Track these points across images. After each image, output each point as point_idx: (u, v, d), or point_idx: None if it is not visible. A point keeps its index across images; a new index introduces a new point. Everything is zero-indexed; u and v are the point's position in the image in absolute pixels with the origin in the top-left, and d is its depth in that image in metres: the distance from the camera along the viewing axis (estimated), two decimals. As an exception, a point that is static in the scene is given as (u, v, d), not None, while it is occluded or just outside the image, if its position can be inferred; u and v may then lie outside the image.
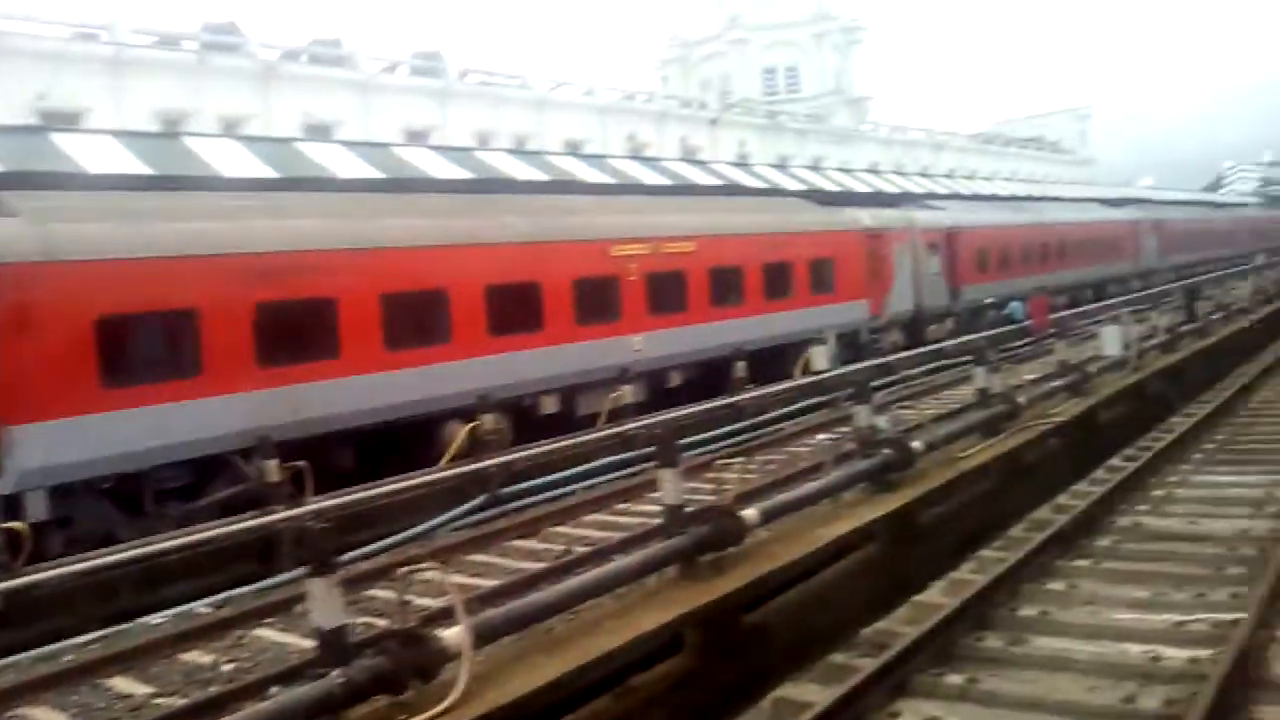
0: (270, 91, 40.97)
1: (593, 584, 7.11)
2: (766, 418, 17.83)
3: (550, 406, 17.30)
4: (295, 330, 13.71)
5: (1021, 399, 13.28)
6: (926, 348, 25.52)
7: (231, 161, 18.08)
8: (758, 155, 56.77)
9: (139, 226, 12.70)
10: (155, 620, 9.39)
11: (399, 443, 14.98)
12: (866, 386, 11.70)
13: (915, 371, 22.24)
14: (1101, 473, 12.25)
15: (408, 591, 8.53)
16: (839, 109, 78.18)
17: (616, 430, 15.80)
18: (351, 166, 20.26)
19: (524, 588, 8.39)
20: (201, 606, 9.81)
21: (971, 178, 54.70)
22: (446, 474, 13.64)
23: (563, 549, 10.71)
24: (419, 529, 12.27)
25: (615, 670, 6.77)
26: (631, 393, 17.50)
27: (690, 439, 15.50)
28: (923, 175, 49.53)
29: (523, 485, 13.85)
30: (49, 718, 7.08)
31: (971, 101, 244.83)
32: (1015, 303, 30.89)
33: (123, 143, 17.36)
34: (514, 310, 16.54)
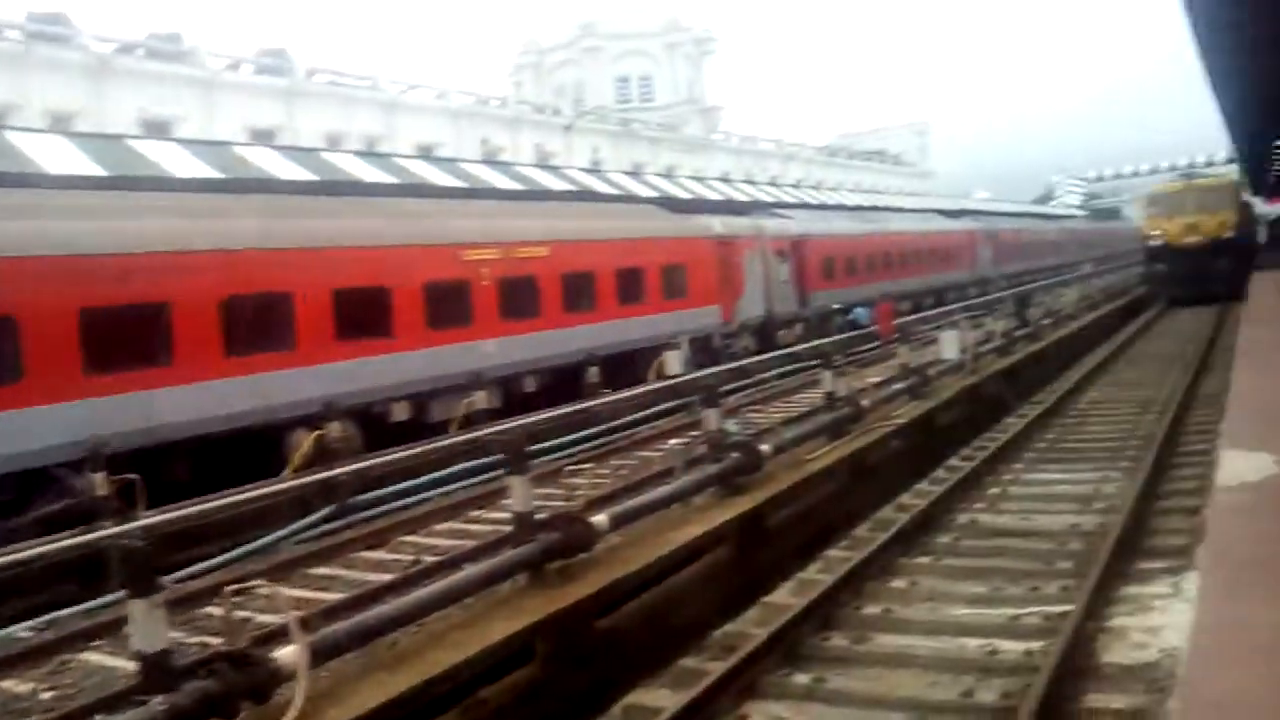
0: (104, 86, 38.83)
1: (440, 595, 6.92)
2: (620, 422, 17.82)
3: (401, 414, 16.90)
4: (125, 336, 12.99)
5: (866, 402, 13.63)
6: (776, 352, 26.00)
7: (58, 158, 17.06)
8: (611, 162, 56.99)
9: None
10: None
11: (241, 453, 14.37)
12: (715, 391, 11.78)
13: (766, 375, 22.62)
14: (941, 472, 12.71)
15: (251, 609, 8.20)
16: (691, 118, 79.20)
17: (469, 436, 15.53)
18: (189, 166, 19.39)
19: (369, 601, 8.11)
20: (22, 630, 9.18)
21: (819, 188, 56.08)
22: (291, 484, 13.12)
23: (412, 559, 10.46)
24: (261, 542, 11.76)
25: (463, 683, 6.60)
26: (485, 399, 17.25)
27: (542, 445, 15.39)
28: (772, 185, 50.60)
29: (372, 494, 13.47)
30: None
31: (818, 114, 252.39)
32: (861, 309, 31.84)
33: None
34: (362, 315, 16.11)
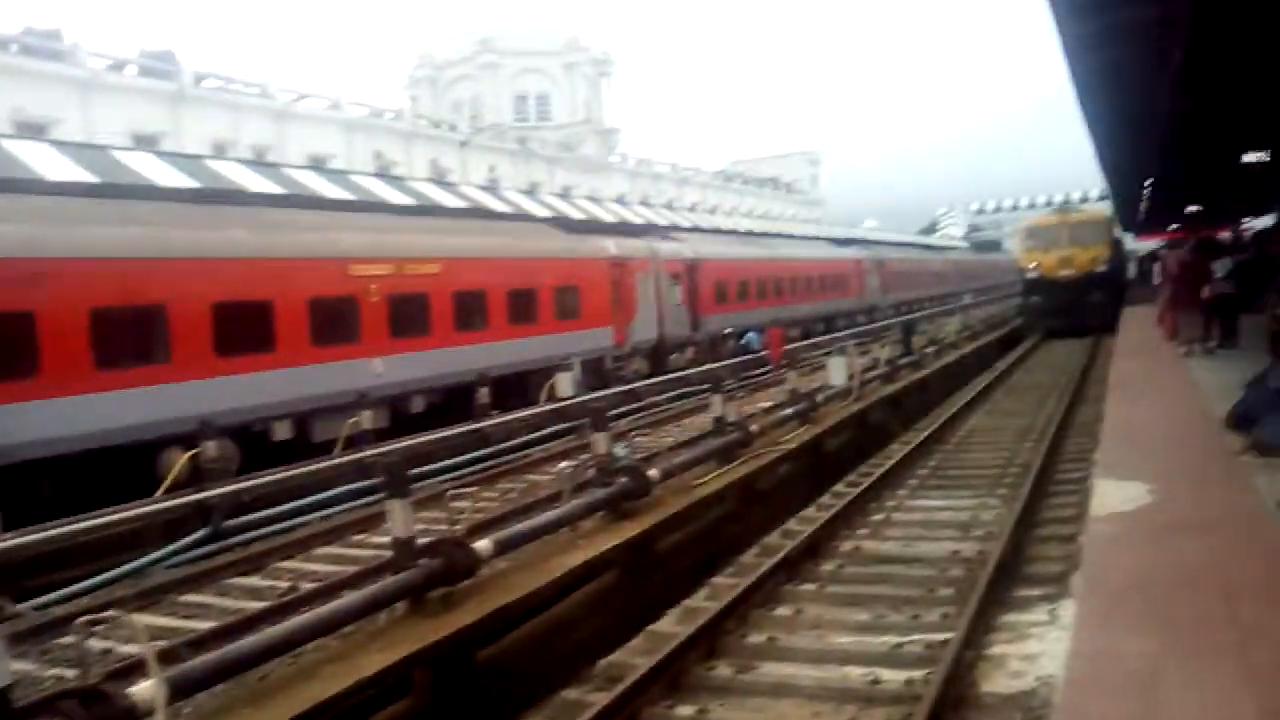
0: (-28, 84, 37.08)
1: (314, 624, 6.63)
2: (510, 444, 17.60)
3: (283, 432, 16.40)
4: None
5: (755, 427, 13.70)
6: (668, 376, 26.07)
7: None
8: (508, 180, 56.67)
9: None
10: None
11: (111, 472, 13.72)
12: (604, 414, 11.68)
13: (658, 399, 22.64)
14: (827, 498, 12.83)
15: (116, 638, 7.77)
16: (589, 139, 79.40)
17: (352, 457, 15.15)
18: (63, 169, 18.53)
19: (239, 630, 7.76)
20: None
21: (713, 212, 56.80)
22: (163, 505, 12.61)
23: (289, 585, 10.11)
24: (130, 566, 11.23)
25: (336, 717, 6.33)
26: (371, 418, 16.86)
27: (429, 467, 15.10)
28: (667, 208, 50.96)
29: (250, 517, 13.01)
30: None
31: (713, 139, 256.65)
32: (752, 333, 32.18)
33: None
34: (243, 330, 15.60)
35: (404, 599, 7.37)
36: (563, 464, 15.10)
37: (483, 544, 7.92)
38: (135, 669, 6.21)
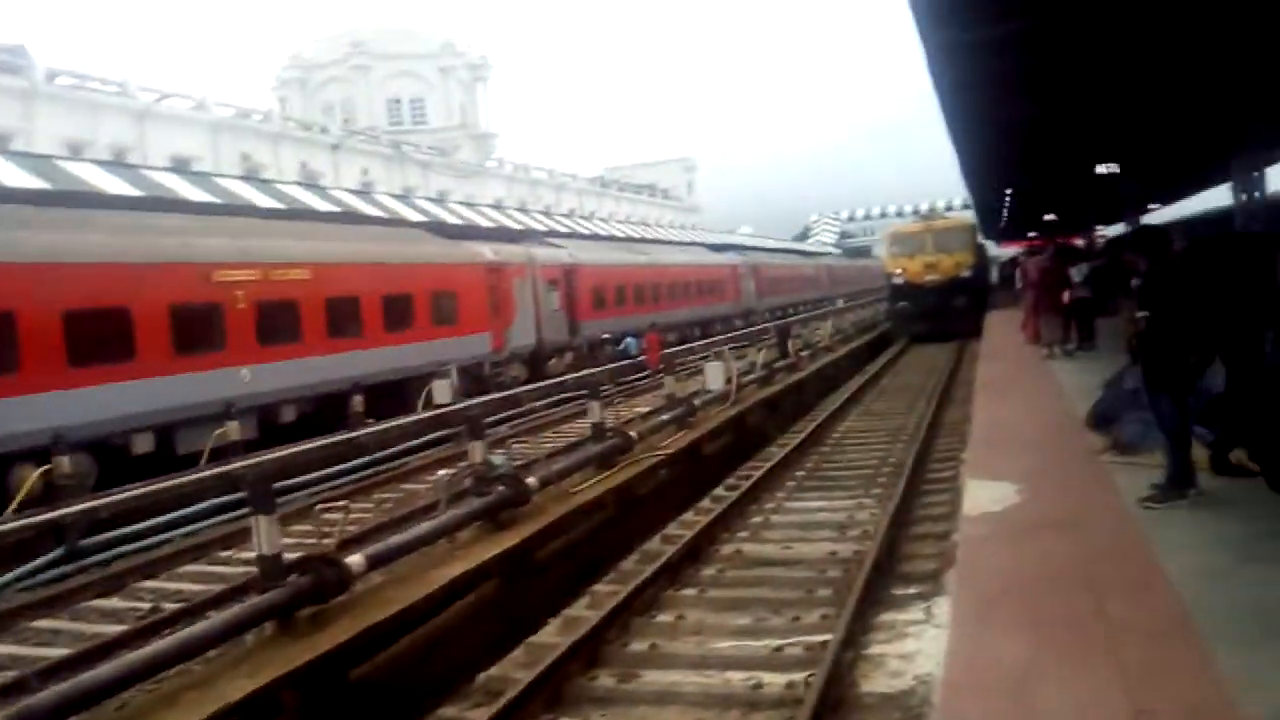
0: None
1: (176, 649, 6.29)
2: (385, 454, 17.21)
3: (144, 445, 15.70)
4: None
5: (634, 432, 13.66)
6: (545, 382, 25.92)
7: None
8: (382, 185, 55.58)
9: None
10: None
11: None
12: (481, 421, 11.49)
13: (536, 405, 22.47)
14: (707, 502, 12.88)
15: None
16: (465, 144, 78.50)
17: (217, 470, 14.58)
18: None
19: (94, 658, 7.35)
20: None
21: (590, 218, 56.69)
22: (12, 525, 11.93)
23: (150, 607, 9.66)
24: (-30, 591, 10.58)
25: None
26: (238, 429, 16.28)
27: (299, 479, 14.65)
28: (545, 214, 50.71)
29: (108, 535, 12.39)
30: None
31: (590, 145, 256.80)
32: (630, 338, 32.27)
33: None
34: (99, 338, 14.88)
35: (271, 619, 7.06)
36: (440, 473, 14.90)
37: (355, 559, 7.65)
38: (-24, 703, 5.83)
